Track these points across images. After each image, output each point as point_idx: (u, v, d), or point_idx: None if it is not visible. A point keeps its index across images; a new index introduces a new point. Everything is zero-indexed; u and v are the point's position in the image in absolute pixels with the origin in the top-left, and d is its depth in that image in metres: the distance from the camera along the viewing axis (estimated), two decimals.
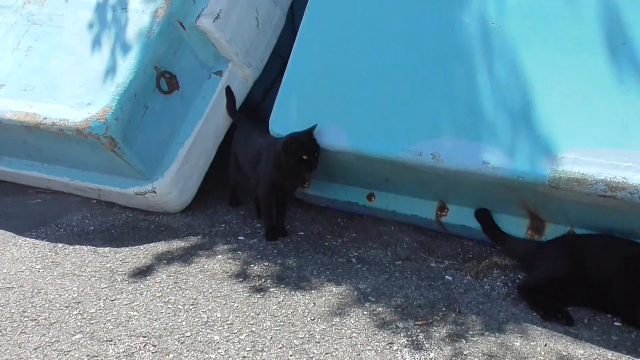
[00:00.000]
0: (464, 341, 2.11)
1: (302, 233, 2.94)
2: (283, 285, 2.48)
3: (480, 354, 2.05)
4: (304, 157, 2.60)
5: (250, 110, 3.36)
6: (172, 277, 2.58)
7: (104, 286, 2.54)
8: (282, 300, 2.39)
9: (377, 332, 2.18)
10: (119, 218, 3.16)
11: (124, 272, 2.64)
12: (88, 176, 3.18)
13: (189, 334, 2.19)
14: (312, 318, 2.27)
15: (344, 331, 2.20)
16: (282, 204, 2.86)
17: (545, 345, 2.08)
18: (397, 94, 2.61)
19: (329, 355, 2.05)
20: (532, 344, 2.10)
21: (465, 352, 2.06)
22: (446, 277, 2.53)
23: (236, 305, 2.37)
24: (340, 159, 2.72)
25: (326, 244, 2.83)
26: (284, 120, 2.82)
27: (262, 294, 2.43)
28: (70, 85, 2.97)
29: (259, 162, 2.82)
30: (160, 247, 2.85)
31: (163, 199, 3.06)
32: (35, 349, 2.13)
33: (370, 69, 2.69)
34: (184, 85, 3.07)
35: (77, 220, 3.14)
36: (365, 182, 2.88)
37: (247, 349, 2.10)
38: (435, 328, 2.20)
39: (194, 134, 3.08)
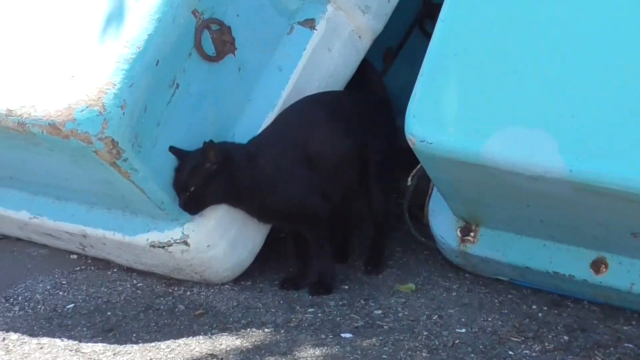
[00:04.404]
0: None
1: (464, 330, 2.91)
2: None
3: None
4: None
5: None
6: None
7: None
8: None
9: None
10: (120, 290, 3.18)
11: None
12: (65, 211, 3.22)
13: None
14: None
15: None
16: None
17: None
18: None
19: None
20: None
21: None
22: None
23: None
24: (543, 190, 2.70)
25: (510, 352, 2.79)
26: (435, 114, 2.81)
27: None
28: (39, 45, 3.02)
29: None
30: (198, 346, 2.84)
31: (201, 257, 3.07)
32: None
33: (605, 24, 2.70)
34: (245, 45, 3.10)
35: (45, 291, 3.17)
36: (588, 237, 2.85)
37: None
38: None
39: None
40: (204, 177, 2.96)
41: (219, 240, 3.08)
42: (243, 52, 3.09)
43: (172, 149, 2.95)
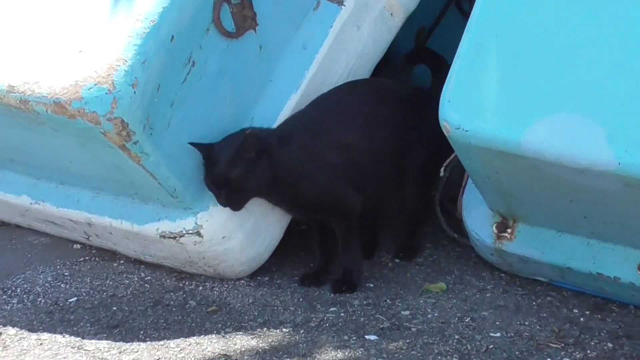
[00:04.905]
0: None
1: (499, 334, 2.89)
2: None
3: None
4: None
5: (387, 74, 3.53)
6: None
7: None
8: None
9: None
10: (126, 283, 3.19)
11: None
12: (69, 196, 3.24)
13: None
14: None
15: None
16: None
17: None
18: None
19: None
20: None
21: None
22: None
23: None
24: (588, 184, 2.68)
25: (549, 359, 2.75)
26: (472, 99, 2.79)
27: None
28: (45, 17, 3.02)
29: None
30: (210, 346, 2.84)
31: (216, 249, 3.08)
32: None
33: None
34: (267, 21, 3.09)
35: (45, 283, 3.18)
36: (637, 236, 2.83)
37: None
38: None
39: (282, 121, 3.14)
40: (246, 168, 2.97)
41: (235, 231, 3.08)
42: (265, 29, 3.09)
43: (192, 144, 2.96)
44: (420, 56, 3.53)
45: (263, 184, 3.01)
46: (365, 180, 3.17)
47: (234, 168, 2.95)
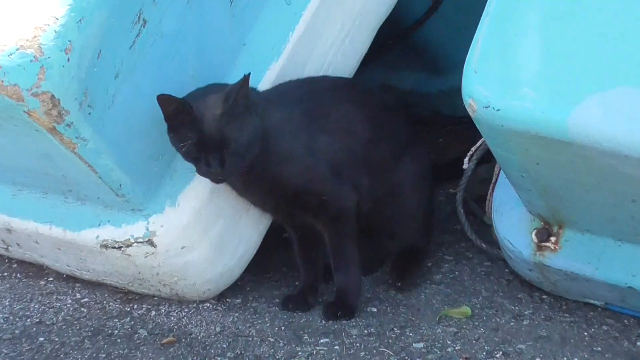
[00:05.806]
0: None
1: None
2: None
3: None
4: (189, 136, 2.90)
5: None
6: None
7: None
8: None
9: None
10: (57, 307, 3.23)
11: None
12: None
13: None
14: None
15: None
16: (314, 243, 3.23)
17: None
18: None
19: None
20: None
21: None
22: None
23: None
24: None
25: None
26: (504, 70, 2.72)
27: None
28: None
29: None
30: None
31: (173, 262, 3.09)
32: None
33: None
34: None
35: None
36: None
37: None
38: None
39: None
40: (245, 121, 2.89)
41: (199, 239, 3.08)
42: None
43: (163, 96, 2.87)
44: None
45: (258, 144, 2.94)
46: (360, 175, 3.15)
47: (233, 121, 2.87)
